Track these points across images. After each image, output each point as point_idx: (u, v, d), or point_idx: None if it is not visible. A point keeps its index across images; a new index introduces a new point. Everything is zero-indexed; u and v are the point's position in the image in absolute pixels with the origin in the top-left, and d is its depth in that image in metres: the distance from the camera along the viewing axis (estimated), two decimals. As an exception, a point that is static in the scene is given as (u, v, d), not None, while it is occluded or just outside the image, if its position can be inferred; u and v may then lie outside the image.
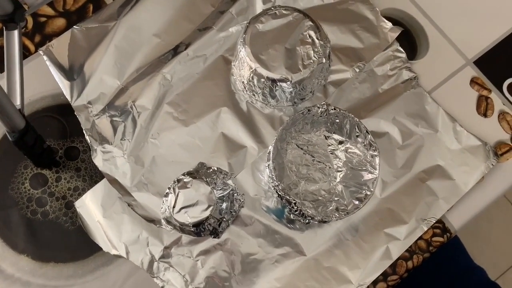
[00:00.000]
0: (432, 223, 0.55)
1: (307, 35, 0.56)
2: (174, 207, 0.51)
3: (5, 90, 0.50)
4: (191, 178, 0.52)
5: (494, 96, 0.60)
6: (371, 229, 0.55)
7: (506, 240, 1.25)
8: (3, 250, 0.53)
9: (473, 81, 0.61)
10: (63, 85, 0.58)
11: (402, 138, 0.58)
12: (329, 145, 0.56)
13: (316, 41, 0.56)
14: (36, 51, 0.60)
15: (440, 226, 0.56)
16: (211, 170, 0.55)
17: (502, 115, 0.59)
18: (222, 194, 0.52)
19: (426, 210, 0.55)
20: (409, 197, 0.56)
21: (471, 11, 0.64)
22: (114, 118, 0.58)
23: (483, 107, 0.60)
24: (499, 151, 0.58)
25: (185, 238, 0.54)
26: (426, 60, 0.61)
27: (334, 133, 0.56)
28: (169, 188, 0.52)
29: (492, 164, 0.57)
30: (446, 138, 0.58)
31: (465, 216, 0.56)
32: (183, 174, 0.53)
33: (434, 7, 0.64)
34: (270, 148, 0.53)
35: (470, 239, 0.93)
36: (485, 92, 0.60)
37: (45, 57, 0.59)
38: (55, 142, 0.57)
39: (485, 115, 0.59)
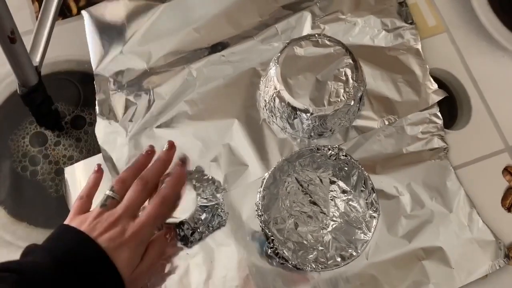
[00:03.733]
0: (415, 306, 0.50)
1: (343, 72, 0.53)
2: None
3: (30, 44, 0.50)
4: (180, 178, 0.50)
5: (525, 192, 0.55)
6: (349, 291, 0.51)
7: None
8: (-17, 195, 0.53)
9: (507, 170, 0.55)
10: (93, 51, 0.58)
11: (411, 207, 0.53)
12: (331, 191, 0.53)
13: (351, 81, 0.53)
14: (78, 13, 0.60)
15: (423, 312, 0.51)
16: (205, 177, 0.53)
17: (527, 215, 0.54)
18: (205, 204, 0.50)
19: (412, 290, 0.51)
20: (398, 271, 0.51)
21: (527, 97, 0.58)
22: (129, 98, 0.57)
23: (510, 200, 0.54)
24: (512, 252, 0.53)
25: (159, 238, 0.52)
26: (462, 133, 0.57)
27: (340, 180, 0.53)
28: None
29: (500, 266, 0.51)
30: (458, 222, 0.53)
31: (453, 311, 0.51)
32: None
33: (488, 81, 0.59)
34: (266, 175, 0.50)
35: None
36: (516, 186, 0.55)
37: (85, 20, 0.60)
38: (65, 106, 0.57)
39: (509, 209, 0.54)
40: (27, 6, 0.60)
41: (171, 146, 0.50)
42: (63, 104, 0.57)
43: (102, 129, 0.56)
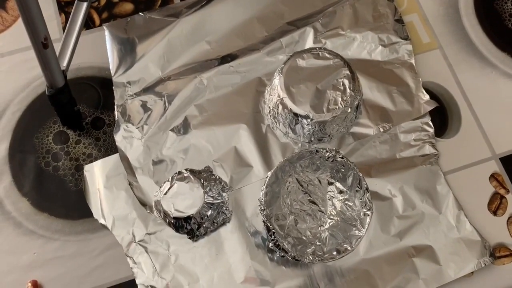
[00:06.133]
0: (405, 299, 0.54)
1: (341, 83, 0.58)
2: (165, 193, 0.54)
3: (58, 50, 0.55)
4: (191, 176, 0.55)
5: (510, 197, 0.58)
6: (343, 284, 0.55)
7: None
8: (10, 187, 0.58)
9: (493, 177, 0.59)
10: (113, 60, 0.64)
11: (403, 208, 0.57)
12: (329, 191, 0.57)
13: (348, 90, 0.58)
14: (100, 25, 0.66)
15: (413, 305, 0.54)
16: (213, 177, 0.57)
17: (512, 218, 0.58)
18: (212, 202, 0.54)
19: (403, 285, 0.54)
20: (390, 267, 0.55)
21: (512, 109, 0.63)
22: (145, 103, 0.62)
23: (496, 204, 0.58)
24: (497, 253, 0.56)
25: (168, 231, 0.56)
26: (452, 141, 0.61)
27: (337, 181, 0.57)
28: (171, 177, 0.55)
29: (485, 264, 0.55)
30: (447, 223, 0.57)
31: (441, 305, 0.55)
32: (186, 169, 0.56)
33: (477, 94, 0.63)
34: (269, 174, 0.55)
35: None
36: (502, 191, 0.59)
37: (106, 32, 0.65)
38: (86, 108, 0.62)
39: (495, 213, 0.58)
40: (55, 17, 0.66)
41: (34, 285, 0.54)
42: (84, 106, 0.62)
43: (120, 131, 0.61)
